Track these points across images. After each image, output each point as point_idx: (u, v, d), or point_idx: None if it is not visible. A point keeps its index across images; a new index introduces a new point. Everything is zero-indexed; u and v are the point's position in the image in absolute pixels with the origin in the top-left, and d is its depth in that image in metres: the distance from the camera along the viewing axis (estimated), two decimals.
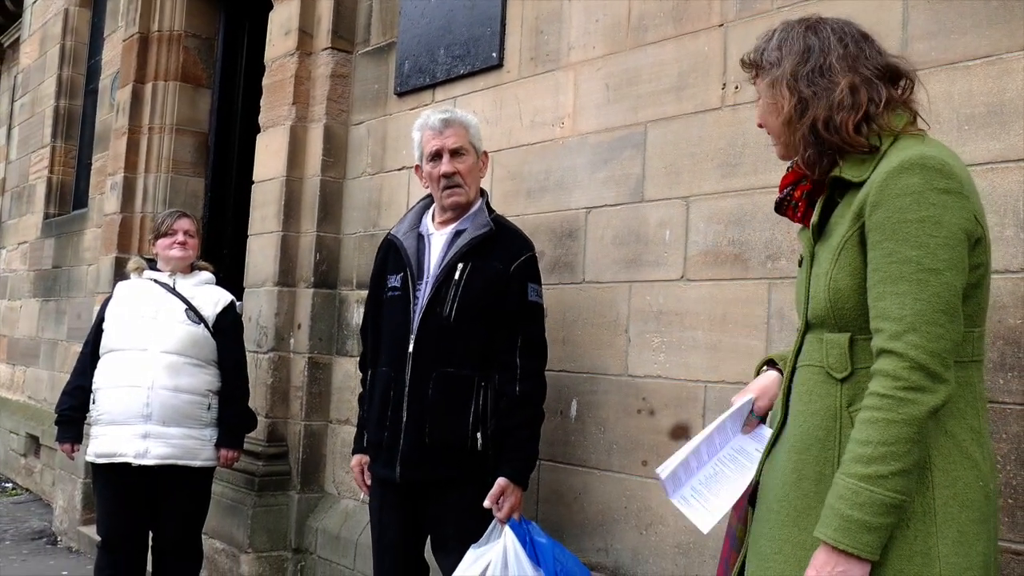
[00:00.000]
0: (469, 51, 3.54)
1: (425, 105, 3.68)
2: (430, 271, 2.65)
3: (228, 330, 3.49)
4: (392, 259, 2.75)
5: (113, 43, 6.24)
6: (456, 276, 2.59)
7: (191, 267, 3.56)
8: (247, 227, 4.43)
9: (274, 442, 4.06)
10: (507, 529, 2.44)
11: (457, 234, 2.67)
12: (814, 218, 1.59)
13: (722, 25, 2.68)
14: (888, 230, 1.41)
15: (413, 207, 2.88)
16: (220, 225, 5.43)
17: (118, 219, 5.39)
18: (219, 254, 5.12)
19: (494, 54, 3.42)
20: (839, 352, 1.49)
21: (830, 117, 1.51)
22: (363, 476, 2.80)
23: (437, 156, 2.69)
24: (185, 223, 3.51)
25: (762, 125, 1.67)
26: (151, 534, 3.45)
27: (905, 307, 1.38)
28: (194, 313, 3.40)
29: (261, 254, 4.24)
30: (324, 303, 4.10)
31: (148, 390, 3.25)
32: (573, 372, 2.99)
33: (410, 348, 2.59)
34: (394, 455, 2.58)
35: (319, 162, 4.10)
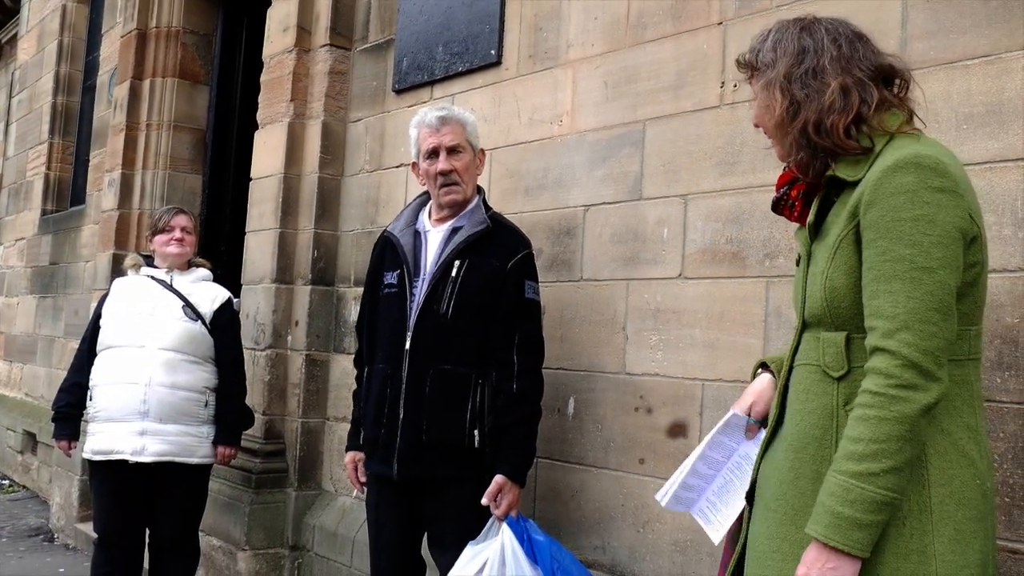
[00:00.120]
0: (467, 48, 3.53)
1: (423, 102, 3.68)
2: (427, 268, 2.65)
3: (225, 327, 3.49)
4: (389, 256, 2.75)
5: (111, 39, 6.23)
6: (453, 273, 2.59)
7: (188, 264, 3.55)
8: (245, 224, 4.43)
9: (271, 439, 4.06)
10: (504, 526, 2.44)
11: (454, 231, 2.67)
12: (810, 217, 1.59)
13: (721, 23, 2.68)
14: (882, 228, 1.41)
15: (410, 204, 2.88)
16: (218, 222, 5.43)
17: (115, 216, 5.38)
18: (217, 251, 5.11)
19: (493, 51, 3.42)
20: (835, 351, 1.49)
21: (820, 120, 1.51)
22: (356, 473, 2.80)
23: (434, 154, 2.68)
24: (182, 219, 3.50)
25: (758, 125, 1.67)
26: (148, 531, 3.45)
27: (898, 305, 1.38)
28: (191, 310, 3.39)
29: (259, 251, 4.23)
30: (322, 300, 4.09)
31: (145, 387, 3.25)
32: (571, 370, 2.99)
33: (407, 345, 2.58)
34: (391, 452, 2.58)
35: (317, 159, 4.09)
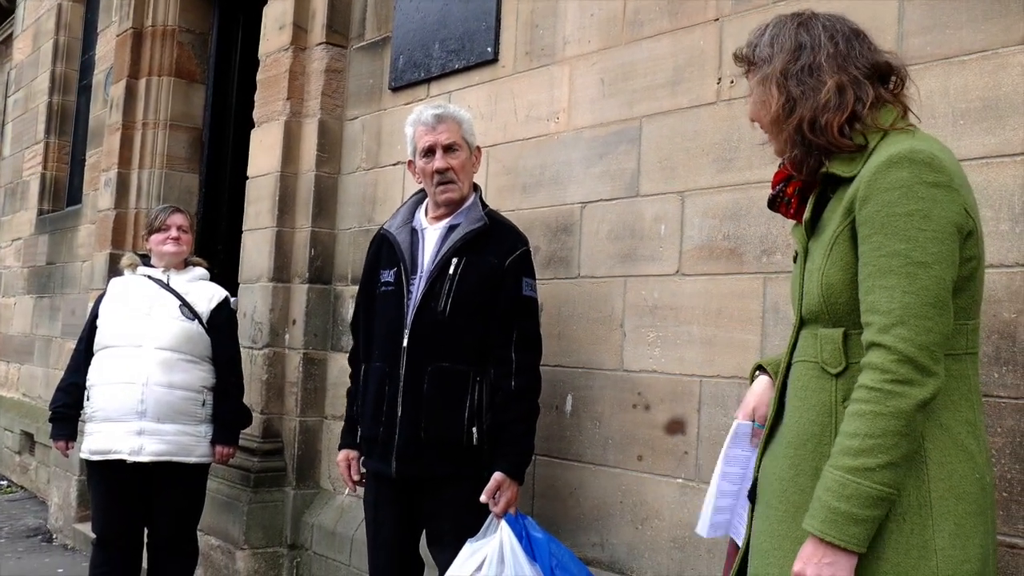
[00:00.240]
0: (464, 46, 3.53)
1: (420, 100, 3.67)
2: (424, 266, 2.65)
3: (222, 326, 3.48)
4: (385, 254, 2.74)
5: (106, 38, 6.21)
6: (450, 271, 2.59)
7: (185, 263, 3.55)
8: (241, 223, 4.42)
9: (269, 438, 4.05)
10: (503, 524, 2.44)
11: (451, 229, 2.66)
12: (806, 214, 1.59)
13: (718, 19, 2.68)
14: (877, 224, 1.40)
15: (406, 202, 2.87)
16: (214, 221, 5.42)
17: (112, 215, 5.37)
18: (213, 250, 5.10)
19: (489, 49, 3.41)
20: (833, 347, 1.49)
21: (815, 118, 1.51)
22: (349, 471, 2.79)
23: (430, 152, 2.68)
24: (178, 218, 3.49)
25: (754, 120, 1.67)
26: (146, 531, 3.44)
27: (894, 300, 1.37)
28: (188, 309, 3.39)
29: (256, 250, 4.23)
30: (319, 299, 4.09)
31: (143, 387, 3.25)
32: (568, 367, 2.99)
33: (404, 343, 2.58)
34: (389, 450, 2.58)
35: (313, 157, 4.09)
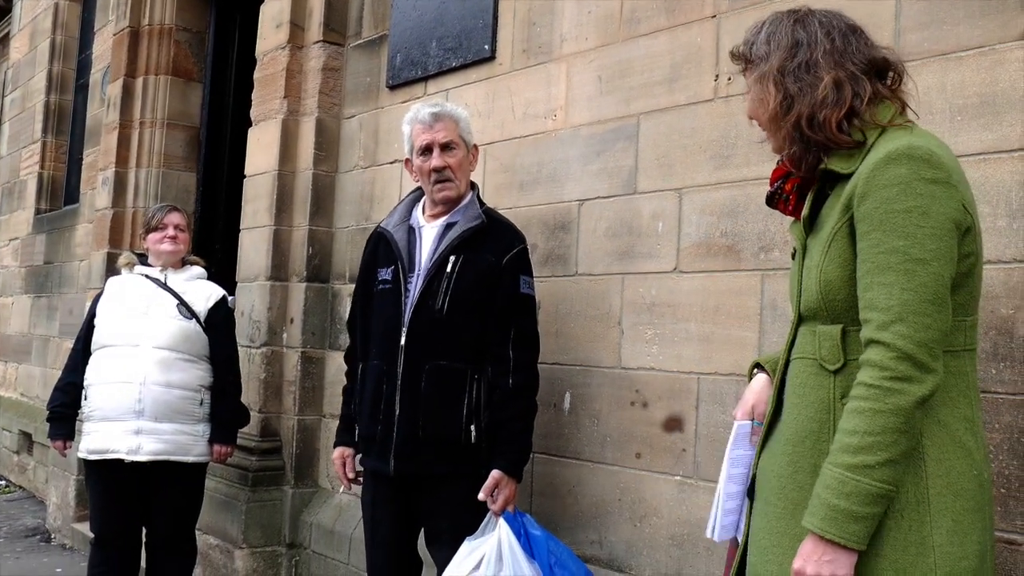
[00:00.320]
0: (461, 44, 3.52)
1: (417, 98, 3.67)
2: (421, 264, 2.64)
3: (220, 325, 3.48)
4: (382, 252, 2.74)
5: (103, 37, 6.20)
6: (448, 269, 2.58)
7: (182, 262, 3.54)
8: (239, 221, 4.41)
9: (267, 437, 4.05)
10: (501, 522, 2.44)
11: (448, 227, 2.66)
12: (805, 211, 1.59)
13: (715, 16, 2.67)
14: (875, 220, 1.40)
15: (403, 200, 2.87)
16: (212, 219, 5.42)
17: (109, 214, 5.36)
18: (211, 248, 5.10)
19: (486, 46, 3.41)
20: (831, 344, 1.49)
21: (813, 114, 1.51)
22: (344, 469, 2.79)
23: (427, 150, 2.67)
24: (175, 217, 3.49)
25: (752, 118, 1.67)
26: (145, 530, 3.44)
27: (892, 297, 1.37)
28: (186, 308, 3.38)
29: (253, 248, 4.22)
30: (317, 297, 4.08)
31: (140, 386, 3.24)
32: (566, 365, 2.99)
33: (402, 341, 2.58)
34: (387, 448, 2.58)
35: (311, 156, 4.08)
